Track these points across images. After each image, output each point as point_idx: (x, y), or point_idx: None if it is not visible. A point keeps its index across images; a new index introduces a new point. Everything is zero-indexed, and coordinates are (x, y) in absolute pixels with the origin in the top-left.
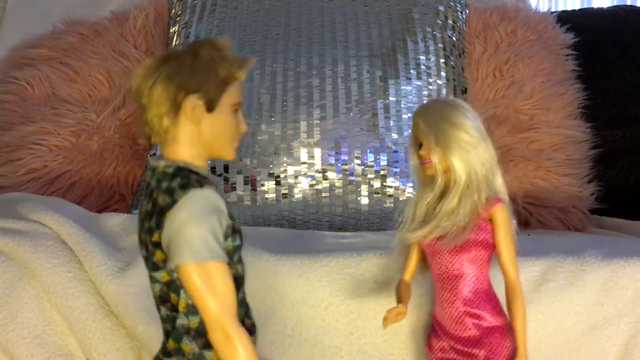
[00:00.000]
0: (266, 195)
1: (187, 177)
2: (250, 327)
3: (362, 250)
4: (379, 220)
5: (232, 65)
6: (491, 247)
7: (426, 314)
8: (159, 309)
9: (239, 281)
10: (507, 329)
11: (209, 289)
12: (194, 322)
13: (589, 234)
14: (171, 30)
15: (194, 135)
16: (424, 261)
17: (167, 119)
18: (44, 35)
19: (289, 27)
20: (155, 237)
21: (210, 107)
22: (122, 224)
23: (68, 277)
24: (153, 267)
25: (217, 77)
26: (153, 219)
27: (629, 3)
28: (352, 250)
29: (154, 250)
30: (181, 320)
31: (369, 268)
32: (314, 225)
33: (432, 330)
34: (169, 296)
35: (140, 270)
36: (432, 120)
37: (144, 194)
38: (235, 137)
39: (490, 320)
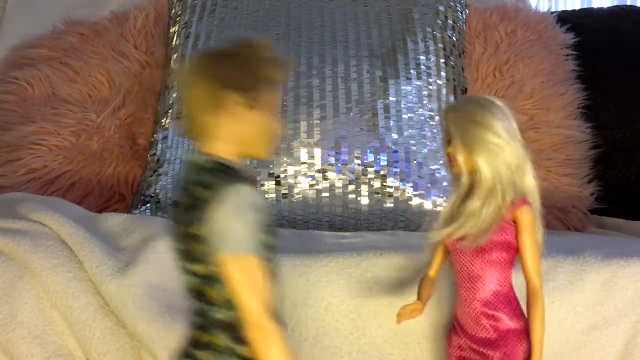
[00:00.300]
0: (266, 195)
1: (227, 173)
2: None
3: (362, 250)
4: (379, 220)
5: (274, 65)
6: (513, 249)
7: (434, 311)
8: (191, 301)
9: (273, 279)
10: (524, 333)
11: (249, 283)
12: (228, 316)
13: (589, 234)
14: (171, 30)
15: (232, 132)
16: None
17: (207, 115)
18: (44, 35)
19: (289, 27)
20: (194, 230)
21: (250, 105)
22: (122, 224)
23: (68, 277)
24: (189, 259)
25: (258, 76)
26: (193, 212)
27: (629, 3)
28: (352, 250)
29: (191, 242)
30: (215, 314)
31: (369, 268)
32: (314, 225)
33: (452, 327)
34: (205, 289)
35: (140, 270)
36: (460, 120)
37: (177, 187)
38: (271, 138)
39: (507, 323)
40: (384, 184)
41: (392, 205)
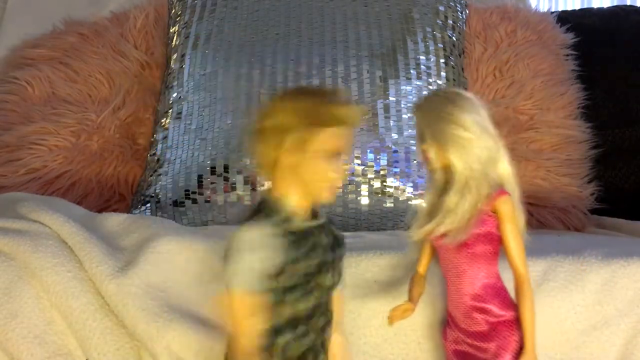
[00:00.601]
0: None
1: (261, 210)
2: None
3: (362, 250)
4: (379, 220)
5: (330, 111)
6: (496, 241)
7: (431, 310)
8: None
9: (295, 321)
10: (516, 322)
11: (240, 317)
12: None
13: (589, 234)
14: (171, 30)
15: (290, 172)
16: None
17: (272, 154)
18: (44, 35)
19: (289, 27)
20: None
21: (300, 147)
22: (122, 224)
23: (68, 276)
24: None
25: (312, 119)
26: None
27: (629, 3)
28: (352, 250)
29: None
30: None
31: (369, 268)
32: None
33: (447, 321)
34: None
35: (140, 270)
36: (428, 116)
37: None
38: (327, 183)
39: (498, 313)
40: (384, 184)
41: (392, 205)
